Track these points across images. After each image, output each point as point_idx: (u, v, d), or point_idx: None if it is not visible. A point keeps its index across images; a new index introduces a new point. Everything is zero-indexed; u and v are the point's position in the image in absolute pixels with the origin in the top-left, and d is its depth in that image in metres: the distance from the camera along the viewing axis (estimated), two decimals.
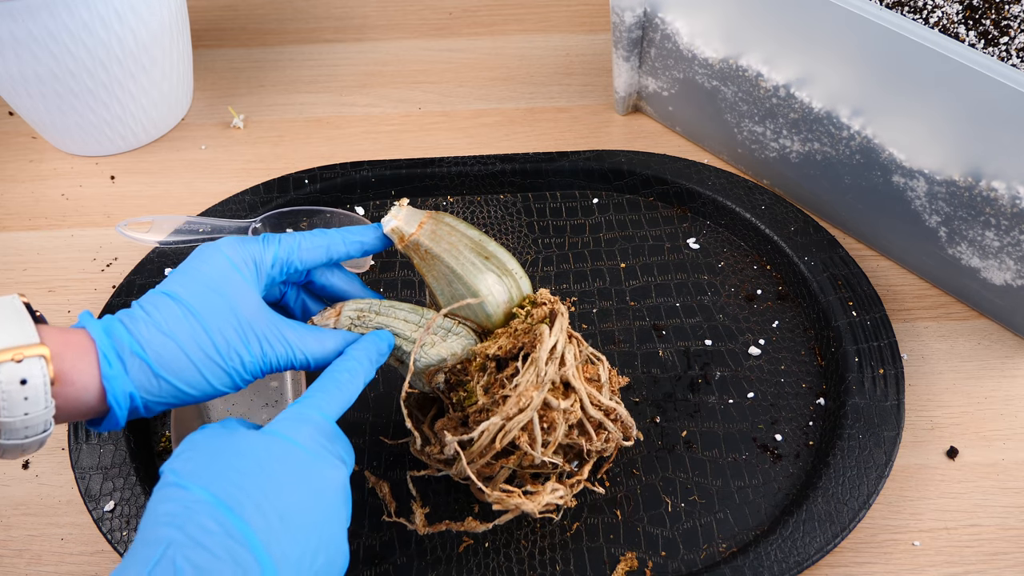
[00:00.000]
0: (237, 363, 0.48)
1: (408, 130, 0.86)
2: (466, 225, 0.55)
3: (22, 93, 0.77)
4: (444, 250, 0.53)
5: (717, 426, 0.64)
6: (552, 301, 0.54)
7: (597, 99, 0.89)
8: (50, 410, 0.42)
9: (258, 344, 0.48)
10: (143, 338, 0.46)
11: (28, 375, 0.41)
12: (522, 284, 0.55)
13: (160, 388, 0.46)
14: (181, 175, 0.83)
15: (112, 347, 0.45)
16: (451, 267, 0.53)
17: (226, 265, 0.49)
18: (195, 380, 0.47)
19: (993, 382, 0.67)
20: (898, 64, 0.61)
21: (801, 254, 0.71)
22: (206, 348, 0.47)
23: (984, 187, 0.62)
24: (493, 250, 0.55)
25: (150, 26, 0.77)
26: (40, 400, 0.41)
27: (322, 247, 0.53)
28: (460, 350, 0.53)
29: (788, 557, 0.56)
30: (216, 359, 0.47)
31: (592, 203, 0.78)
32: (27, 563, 0.59)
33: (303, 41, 0.96)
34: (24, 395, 0.41)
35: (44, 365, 0.41)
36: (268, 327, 0.49)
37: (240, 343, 0.48)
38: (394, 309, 0.54)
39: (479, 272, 0.53)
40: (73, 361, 0.43)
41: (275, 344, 0.49)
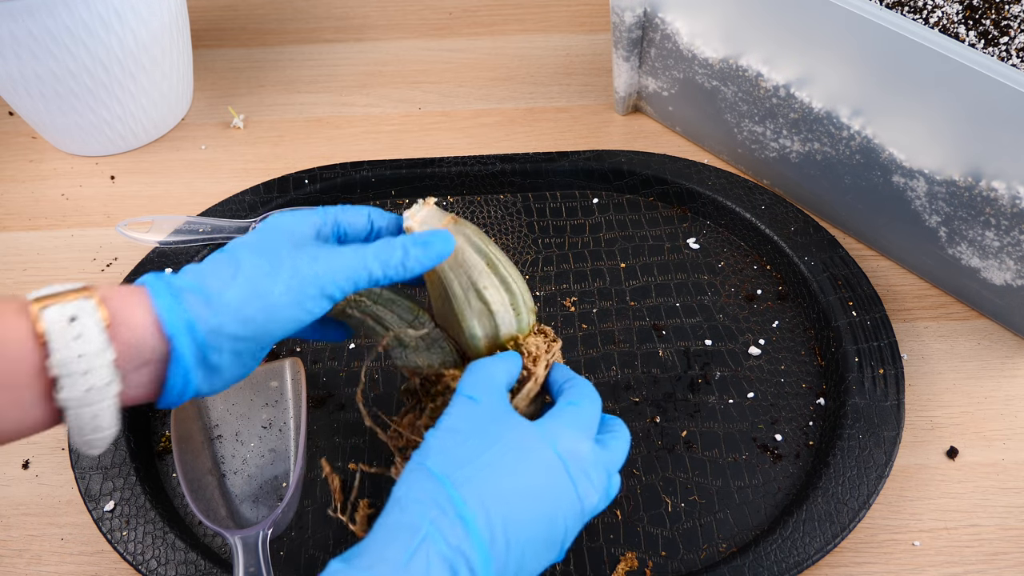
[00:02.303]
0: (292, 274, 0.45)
1: (408, 130, 0.86)
2: (485, 241, 0.53)
3: (22, 93, 0.77)
4: (448, 268, 0.52)
5: (717, 426, 0.64)
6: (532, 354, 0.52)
7: (597, 99, 0.89)
8: (108, 352, 0.40)
9: (312, 258, 0.46)
10: (191, 274, 0.44)
11: (77, 312, 0.39)
12: (518, 320, 0.53)
13: (220, 316, 0.43)
14: (181, 175, 0.83)
15: (161, 283, 0.43)
16: (449, 290, 0.52)
17: (274, 221, 0.49)
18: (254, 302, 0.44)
19: (993, 382, 0.67)
20: (898, 64, 0.61)
21: (801, 254, 0.71)
22: (258, 266, 0.45)
23: (984, 187, 0.62)
24: (502, 276, 0.52)
25: (150, 26, 0.77)
26: (94, 338, 0.39)
27: (363, 211, 0.52)
28: (436, 363, 0.53)
29: (788, 557, 0.56)
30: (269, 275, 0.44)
31: (592, 203, 0.78)
32: (27, 563, 0.59)
33: (303, 41, 0.96)
34: (75, 332, 0.39)
35: (93, 304, 0.40)
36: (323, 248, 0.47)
37: (291, 258, 0.45)
38: (392, 303, 0.54)
39: (468, 308, 0.52)
40: (124, 300, 0.41)
41: (334, 257, 0.46)
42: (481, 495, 0.42)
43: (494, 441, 0.44)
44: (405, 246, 0.48)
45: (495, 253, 0.53)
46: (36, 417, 0.40)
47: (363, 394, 0.66)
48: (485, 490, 0.42)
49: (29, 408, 0.40)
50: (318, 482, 0.62)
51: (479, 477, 0.42)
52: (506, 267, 0.53)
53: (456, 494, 0.41)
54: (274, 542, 0.59)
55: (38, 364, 0.39)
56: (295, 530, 0.59)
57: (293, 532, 0.59)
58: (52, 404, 0.40)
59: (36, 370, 0.39)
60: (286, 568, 0.58)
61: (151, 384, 0.43)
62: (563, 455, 0.45)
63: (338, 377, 0.67)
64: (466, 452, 0.43)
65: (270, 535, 0.54)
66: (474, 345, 0.53)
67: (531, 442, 0.44)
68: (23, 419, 0.40)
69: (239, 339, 0.44)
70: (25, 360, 0.39)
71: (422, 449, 0.44)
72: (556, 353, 0.54)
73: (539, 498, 0.43)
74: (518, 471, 0.43)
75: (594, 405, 0.49)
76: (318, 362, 0.68)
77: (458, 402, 0.46)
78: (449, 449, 0.43)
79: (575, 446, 0.45)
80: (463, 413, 0.46)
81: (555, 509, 0.44)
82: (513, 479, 0.43)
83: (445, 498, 0.41)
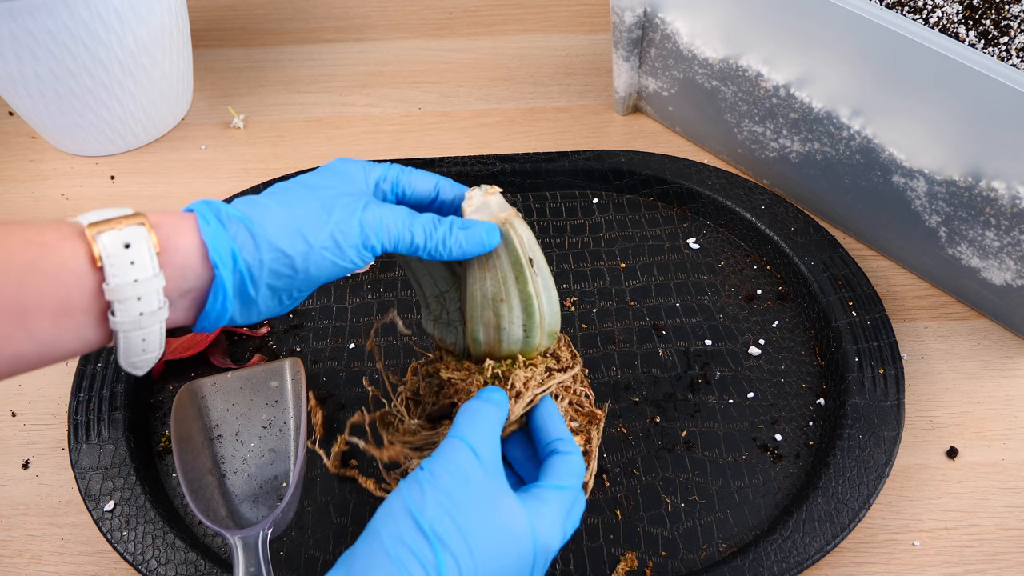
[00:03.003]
0: (340, 219, 0.45)
1: (408, 130, 0.86)
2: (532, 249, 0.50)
3: (22, 93, 0.77)
4: (478, 267, 0.50)
5: (717, 426, 0.64)
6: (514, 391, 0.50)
7: (597, 99, 0.89)
8: (159, 279, 0.40)
9: (363, 207, 0.45)
10: (241, 205, 0.44)
11: (131, 239, 0.40)
12: (526, 342, 0.52)
13: (261, 250, 0.43)
14: (181, 175, 0.83)
15: (211, 211, 0.43)
16: (469, 289, 0.51)
17: (337, 164, 0.49)
18: (295, 240, 0.44)
19: (993, 382, 0.67)
20: (898, 64, 0.61)
21: (801, 254, 0.71)
22: (307, 206, 0.45)
23: (984, 187, 0.62)
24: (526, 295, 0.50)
25: (150, 26, 0.77)
26: (147, 264, 0.40)
27: (432, 178, 0.52)
28: (447, 342, 0.54)
29: (788, 557, 0.56)
30: (317, 216, 0.44)
31: (592, 203, 0.78)
32: (27, 563, 0.59)
33: (303, 41, 0.96)
34: (130, 259, 0.40)
35: (146, 231, 0.40)
36: (375, 200, 0.47)
37: (342, 204, 0.45)
38: (432, 267, 0.53)
39: (479, 314, 0.51)
40: (173, 227, 0.42)
41: (384, 211, 0.46)
42: (460, 569, 0.42)
43: (489, 522, 0.43)
44: (452, 226, 0.48)
45: (532, 268, 0.50)
46: (89, 339, 0.41)
47: (363, 395, 0.66)
48: (466, 566, 0.42)
49: (84, 331, 0.40)
50: (318, 482, 0.62)
51: (466, 551, 0.42)
52: (536, 285, 0.50)
53: (443, 564, 0.41)
54: (274, 542, 0.59)
55: (94, 289, 0.40)
56: (295, 530, 0.59)
57: (293, 532, 0.59)
58: (105, 327, 0.41)
59: (92, 295, 0.40)
60: (286, 568, 0.58)
61: (191, 308, 0.44)
62: (537, 548, 0.45)
63: (338, 377, 0.67)
64: (462, 527, 0.43)
65: (270, 535, 0.54)
66: (475, 347, 0.52)
67: (517, 529, 0.44)
68: (78, 341, 0.41)
69: (278, 275, 0.44)
70: (82, 285, 0.39)
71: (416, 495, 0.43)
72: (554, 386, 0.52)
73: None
74: (498, 555, 0.43)
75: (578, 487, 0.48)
76: (318, 362, 0.68)
77: (459, 451, 0.45)
78: (445, 511, 0.43)
79: (550, 541, 0.45)
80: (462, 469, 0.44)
81: None
82: (493, 562, 0.43)
83: (432, 563, 0.41)
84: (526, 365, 0.51)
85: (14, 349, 0.39)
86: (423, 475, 0.44)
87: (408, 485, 0.43)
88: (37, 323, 0.39)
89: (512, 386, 0.50)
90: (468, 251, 0.48)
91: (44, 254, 0.39)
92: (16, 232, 0.39)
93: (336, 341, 0.69)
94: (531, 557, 0.44)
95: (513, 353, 0.51)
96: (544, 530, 0.45)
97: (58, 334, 0.39)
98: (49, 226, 0.40)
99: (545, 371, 0.52)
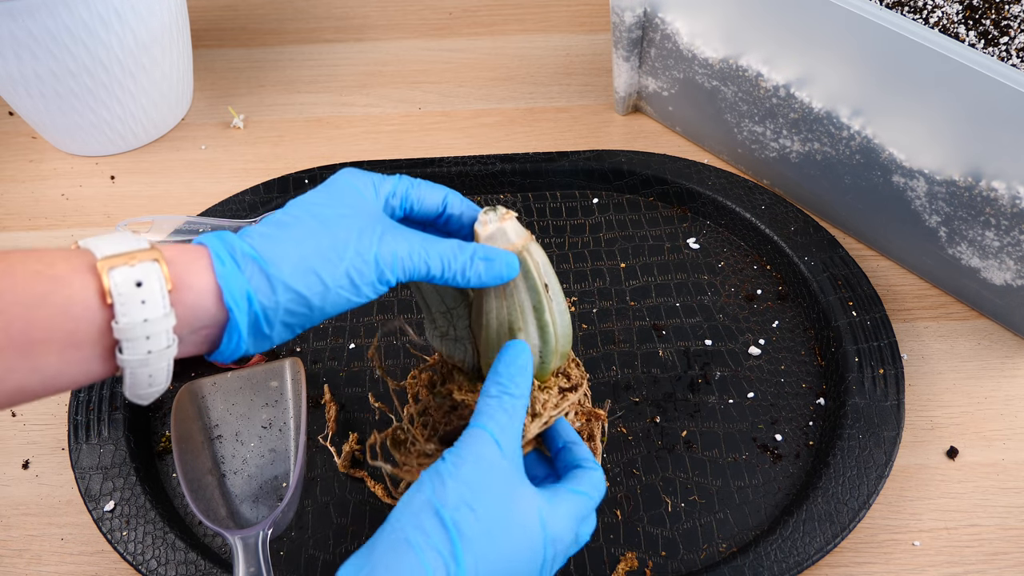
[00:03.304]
0: (355, 257, 0.44)
1: (408, 130, 0.86)
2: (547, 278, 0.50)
3: (22, 93, 0.77)
4: (494, 295, 0.50)
5: (717, 426, 0.64)
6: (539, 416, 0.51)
7: (597, 99, 0.89)
8: (170, 318, 0.40)
9: (378, 240, 0.45)
10: (254, 241, 0.44)
11: (143, 277, 0.39)
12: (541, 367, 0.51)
13: (276, 292, 0.43)
14: (181, 175, 0.83)
15: (225, 249, 0.43)
16: (486, 316, 0.50)
17: (345, 181, 0.48)
18: (311, 281, 0.43)
19: (993, 382, 0.67)
20: (898, 64, 0.61)
21: (801, 254, 0.71)
22: (320, 243, 0.44)
23: (984, 187, 0.62)
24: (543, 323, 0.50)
25: (150, 26, 0.77)
26: (158, 304, 0.39)
27: (440, 191, 0.51)
28: (455, 359, 0.53)
29: (788, 557, 0.56)
30: (331, 254, 0.44)
31: (592, 203, 0.78)
32: (27, 563, 0.59)
33: (303, 41, 0.96)
34: (141, 298, 0.39)
35: (159, 268, 0.40)
36: (390, 227, 0.46)
37: (356, 238, 0.45)
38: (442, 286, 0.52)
39: (495, 341, 0.50)
40: (187, 264, 0.41)
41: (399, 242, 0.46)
42: (477, 561, 0.42)
43: (507, 517, 0.44)
44: (474, 257, 0.47)
45: (548, 295, 0.50)
46: (95, 372, 0.41)
47: (363, 394, 0.66)
48: (481, 557, 0.43)
49: (90, 364, 0.40)
50: (318, 482, 0.62)
51: (482, 543, 0.43)
52: (552, 312, 0.50)
53: (460, 552, 0.42)
54: (274, 542, 0.59)
55: (103, 325, 0.39)
56: (295, 530, 0.59)
57: (293, 532, 0.59)
58: (112, 361, 0.40)
59: (101, 331, 0.39)
60: (286, 568, 0.58)
61: (203, 344, 0.44)
62: (547, 541, 0.45)
63: (338, 377, 0.67)
64: (482, 520, 0.43)
65: (270, 535, 0.54)
66: (487, 370, 0.52)
67: (529, 522, 0.45)
68: (83, 374, 0.40)
69: (293, 314, 0.44)
70: (91, 320, 0.39)
71: (437, 486, 0.44)
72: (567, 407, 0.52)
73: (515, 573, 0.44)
74: (511, 547, 0.44)
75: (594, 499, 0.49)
76: (318, 362, 0.68)
77: (481, 441, 0.45)
78: (466, 504, 0.43)
79: (561, 538, 0.46)
80: (485, 460, 0.45)
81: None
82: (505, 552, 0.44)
83: (451, 559, 0.42)
84: (541, 388, 0.52)
85: (17, 382, 0.38)
86: (445, 466, 0.44)
87: (430, 476, 0.44)
88: (43, 357, 0.38)
89: (531, 411, 0.50)
90: (486, 282, 0.48)
91: (54, 287, 0.38)
92: (27, 263, 0.39)
93: (336, 341, 0.69)
94: (541, 551, 0.45)
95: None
96: (555, 526, 0.45)
97: (63, 367, 0.39)
98: (60, 257, 0.40)
99: (559, 392, 0.52)
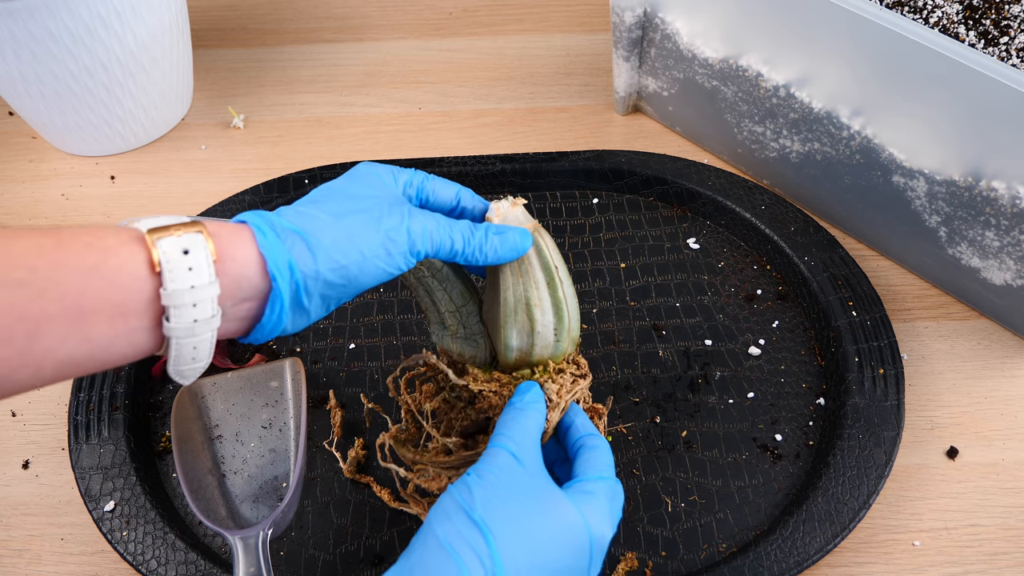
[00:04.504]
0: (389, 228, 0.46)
1: (408, 130, 0.86)
2: (556, 258, 0.52)
3: (22, 93, 0.77)
4: (510, 272, 0.51)
5: (717, 426, 0.64)
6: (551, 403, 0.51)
7: (597, 99, 0.89)
8: (215, 287, 0.41)
9: (407, 214, 0.47)
10: (291, 217, 0.45)
11: (190, 246, 0.40)
12: (556, 346, 0.53)
13: (317, 262, 0.44)
14: (181, 175, 0.83)
15: (265, 222, 0.44)
16: (502, 294, 0.51)
17: (366, 169, 0.50)
18: (349, 249, 0.45)
19: (993, 382, 0.67)
20: (898, 64, 0.61)
21: (801, 254, 0.71)
22: (356, 216, 0.46)
23: (984, 187, 0.62)
24: (557, 299, 0.52)
25: (150, 26, 0.77)
26: (204, 271, 0.40)
27: (453, 186, 0.53)
28: (468, 356, 0.54)
29: (788, 557, 0.56)
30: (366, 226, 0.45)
31: (592, 203, 0.78)
32: (27, 563, 0.59)
33: (303, 41, 0.96)
34: (188, 265, 0.40)
35: (204, 239, 0.41)
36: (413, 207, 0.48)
37: (388, 212, 0.46)
38: (448, 282, 0.53)
39: (512, 318, 0.51)
40: (230, 237, 0.42)
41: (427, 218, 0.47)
42: (516, 560, 0.43)
43: (537, 510, 0.45)
44: (488, 232, 0.49)
45: (561, 274, 0.52)
46: (142, 344, 0.41)
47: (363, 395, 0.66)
48: (521, 556, 0.43)
49: (137, 335, 0.40)
50: (318, 482, 0.62)
51: (519, 542, 0.43)
52: (565, 291, 0.52)
53: (497, 553, 0.42)
54: (274, 542, 0.59)
55: (151, 294, 0.40)
56: (295, 530, 0.59)
57: (293, 532, 0.59)
58: (158, 333, 0.41)
59: (149, 299, 0.40)
60: (286, 568, 0.58)
61: (245, 319, 0.44)
62: (593, 539, 0.46)
63: (338, 377, 0.67)
64: (510, 513, 0.44)
65: (270, 535, 0.54)
66: (506, 354, 0.52)
67: (571, 521, 0.45)
68: (130, 346, 0.41)
69: (331, 285, 0.45)
70: (140, 289, 0.40)
71: (464, 493, 0.45)
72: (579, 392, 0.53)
73: (559, 571, 0.45)
74: (552, 544, 0.45)
75: (614, 476, 0.50)
76: (318, 362, 0.68)
77: (501, 456, 0.47)
78: (495, 506, 0.44)
79: (603, 530, 0.47)
80: (508, 471, 0.46)
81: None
82: (546, 550, 0.44)
83: (486, 553, 0.42)
84: (556, 371, 0.53)
85: (69, 352, 0.39)
86: (471, 478, 0.45)
87: (457, 487, 0.45)
88: (94, 326, 0.39)
89: (548, 399, 0.51)
90: (502, 256, 0.50)
91: (104, 258, 0.39)
92: (77, 236, 0.39)
93: (336, 341, 0.69)
94: (587, 548, 0.45)
95: (544, 358, 0.52)
96: (595, 520, 0.46)
97: (113, 338, 0.40)
98: (109, 231, 0.40)
99: (571, 378, 0.53)
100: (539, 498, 0.45)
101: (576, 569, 0.45)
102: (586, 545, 0.45)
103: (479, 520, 0.43)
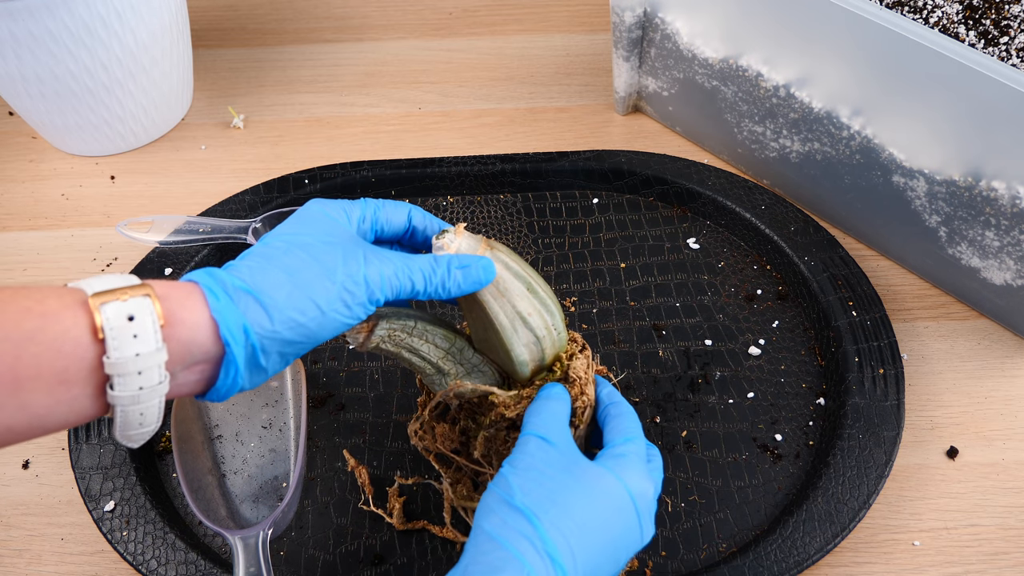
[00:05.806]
0: (345, 279, 0.45)
1: (408, 130, 0.86)
2: (520, 263, 0.51)
3: (22, 93, 0.77)
4: (491, 296, 0.50)
5: (717, 426, 0.64)
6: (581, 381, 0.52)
7: (597, 99, 0.89)
8: (162, 353, 0.39)
9: (363, 261, 0.45)
10: (243, 274, 0.44)
11: (135, 311, 0.39)
12: (559, 339, 0.53)
13: (274, 322, 0.43)
14: (181, 175, 0.83)
15: (216, 283, 0.42)
16: (495, 320, 0.50)
17: (317, 210, 0.48)
18: (307, 307, 0.43)
19: (993, 382, 0.67)
20: (898, 64, 0.61)
21: (801, 254, 0.71)
22: (310, 270, 0.44)
23: (984, 187, 0.62)
24: (541, 298, 0.51)
25: (150, 26, 0.77)
26: (150, 338, 0.39)
27: (404, 208, 0.52)
28: (481, 386, 0.53)
29: (788, 557, 0.56)
30: (322, 279, 0.44)
31: (592, 203, 0.78)
32: (27, 563, 0.59)
33: (303, 41, 0.96)
34: (133, 332, 0.39)
35: (151, 303, 0.39)
36: (370, 249, 0.47)
37: (343, 262, 0.45)
38: (427, 333, 0.52)
39: (515, 337, 0.51)
40: (180, 300, 0.41)
41: (383, 263, 0.46)
42: (565, 534, 0.44)
43: (574, 483, 0.46)
44: (451, 266, 0.48)
45: (529, 273, 0.51)
46: (84, 411, 0.40)
47: (363, 395, 0.66)
48: (568, 529, 0.44)
49: (80, 403, 0.39)
50: (318, 482, 0.62)
51: (564, 517, 0.44)
52: (541, 286, 0.52)
53: (545, 532, 0.43)
54: (274, 542, 0.59)
55: (95, 361, 0.39)
56: (295, 530, 0.59)
57: (293, 532, 0.59)
58: (102, 400, 0.40)
59: (92, 367, 0.39)
60: (286, 568, 0.58)
61: (198, 383, 0.43)
62: (635, 497, 0.47)
63: (338, 377, 0.67)
64: (548, 492, 0.45)
65: (270, 535, 0.54)
66: (521, 371, 0.52)
67: (607, 485, 0.46)
68: (72, 413, 0.40)
69: (290, 343, 0.44)
70: (83, 357, 0.38)
71: (502, 485, 0.46)
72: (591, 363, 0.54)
73: (612, 537, 0.46)
74: (596, 512, 0.46)
75: (643, 437, 0.51)
76: (318, 362, 0.68)
77: (531, 442, 0.48)
78: (532, 489, 0.45)
79: (643, 487, 0.48)
80: (540, 454, 0.47)
81: (623, 545, 0.46)
82: (591, 519, 0.45)
83: (535, 535, 0.43)
84: (569, 356, 0.54)
85: (4, 421, 0.38)
86: (505, 469, 0.47)
87: (495, 483, 0.47)
88: (31, 394, 0.38)
89: (575, 381, 0.53)
90: (465, 289, 0.48)
91: (44, 324, 0.38)
92: (17, 299, 0.38)
93: (336, 341, 0.69)
94: (632, 508, 0.46)
95: (557, 355, 0.53)
96: (633, 480, 0.47)
97: (52, 406, 0.39)
98: (51, 293, 0.39)
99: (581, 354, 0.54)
100: (574, 472, 0.46)
101: (628, 530, 0.46)
102: (630, 505, 0.46)
103: (521, 506, 0.44)
